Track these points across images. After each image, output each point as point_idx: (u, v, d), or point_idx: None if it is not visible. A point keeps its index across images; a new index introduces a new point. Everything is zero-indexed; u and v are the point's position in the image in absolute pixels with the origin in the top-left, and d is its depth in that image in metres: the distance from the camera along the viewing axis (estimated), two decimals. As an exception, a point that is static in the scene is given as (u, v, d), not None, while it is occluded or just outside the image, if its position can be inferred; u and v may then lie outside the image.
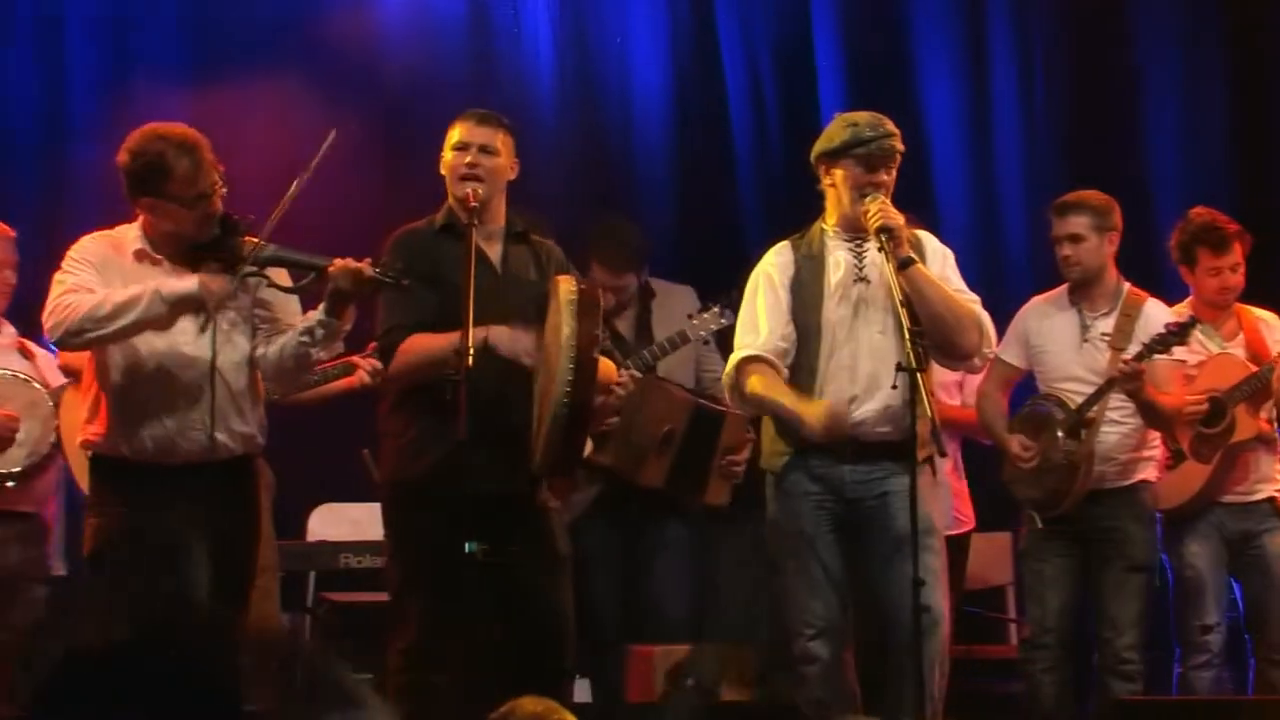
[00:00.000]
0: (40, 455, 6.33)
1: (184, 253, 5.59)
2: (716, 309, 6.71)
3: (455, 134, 5.91)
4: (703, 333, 6.76)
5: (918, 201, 8.23)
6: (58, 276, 5.54)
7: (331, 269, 5.47)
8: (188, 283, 5.44)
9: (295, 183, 5.57)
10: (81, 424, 5.69)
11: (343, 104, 8.10)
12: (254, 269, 5.54)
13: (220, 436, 5.55)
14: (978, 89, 8.75)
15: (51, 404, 6.39)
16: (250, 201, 5.68)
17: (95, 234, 5.68)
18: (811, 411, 5.65)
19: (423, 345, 5.72)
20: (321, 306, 5.54)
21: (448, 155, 5.90)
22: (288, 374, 5.69)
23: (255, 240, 5.52)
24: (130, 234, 5.64)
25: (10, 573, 6.41)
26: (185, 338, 5.51)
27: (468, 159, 5.84)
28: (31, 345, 6.45)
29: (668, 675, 6.29)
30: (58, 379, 6.51)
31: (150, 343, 5.51)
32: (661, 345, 6.75)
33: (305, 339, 5.54)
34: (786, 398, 5.75)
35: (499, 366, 5.65)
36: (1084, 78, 8.56)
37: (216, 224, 5.58)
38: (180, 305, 5.43)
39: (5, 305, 6.56)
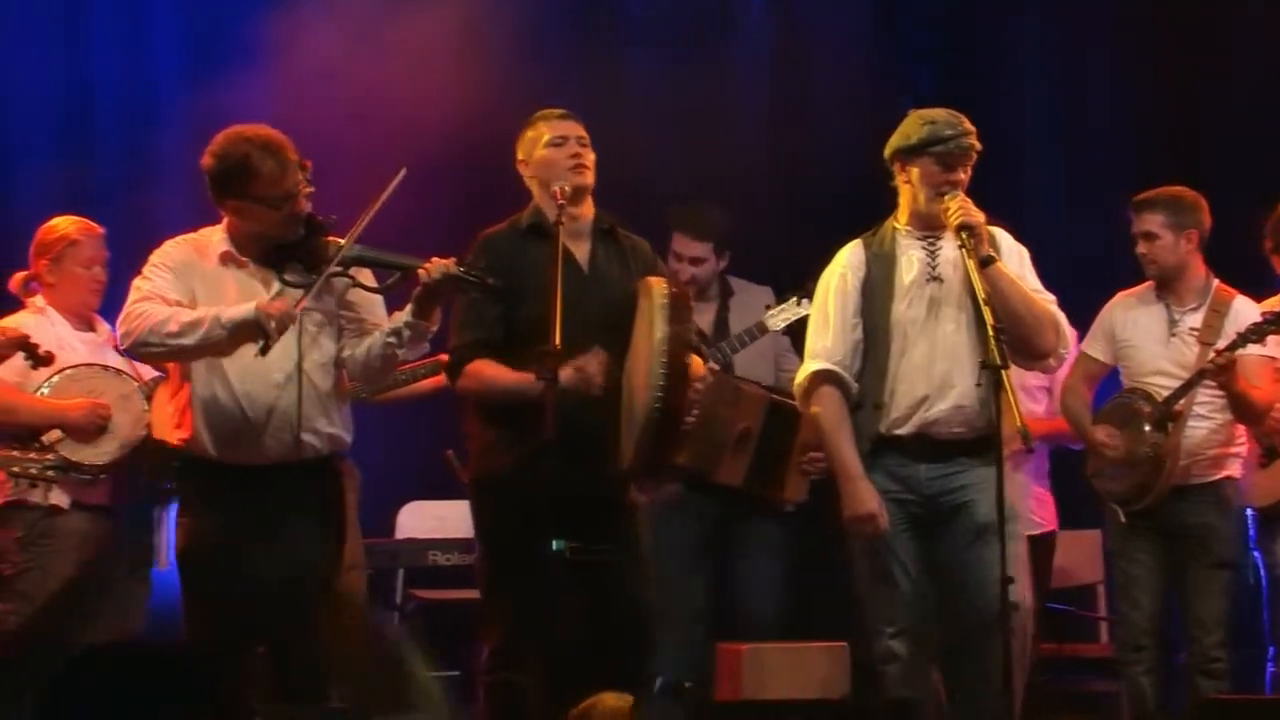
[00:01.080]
0: (131, 448, 6.35)
1: (269, 253, 5.62)
2: (793, 300, 6.71)
3: (544, 132, 5.89)
4: (779, 325, 6.74)
5: (1004, 195, 8.21)
6: (136, 282, 5.59)
7: (423, 269, 5.48)
8: (245, 309, 5.41)
9: (364, 215, 5.59)
10: (170, 425, 5.75)
11: (425, 103, 8.14)
12: (339, 269, 5.57)
13: (306, 437, 5.58)
14: (1066, 83, 8.69)
15: (143, 398, 6.42)
16: (331, 201, 5.70)
17: (179, 238, 5.72)
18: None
19: (490, 376, 5.71)
20: (408, 308, 5.55)
21: (538, 154, 5.88)
22: (374, 374, 5.71)
23: (340, 241, 5.55)
24: (215, 236, 5.67)
25: (104, 568, 6.44)
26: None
27: (572, 150, 5.84)
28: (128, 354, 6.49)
29: None
30: (151, 373, 6.56)
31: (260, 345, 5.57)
32: (740, 338, 6.75)
33: (392, 340, 5.56)
34: (842, 454, 5.75)
35: None
36: (1171, 72, 8.48)
37: (302, 224, 5.62)
38: (241, 331, 5.40)
39: (98, 302, 6.59)
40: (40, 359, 6.06)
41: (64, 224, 6.56)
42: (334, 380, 5.66)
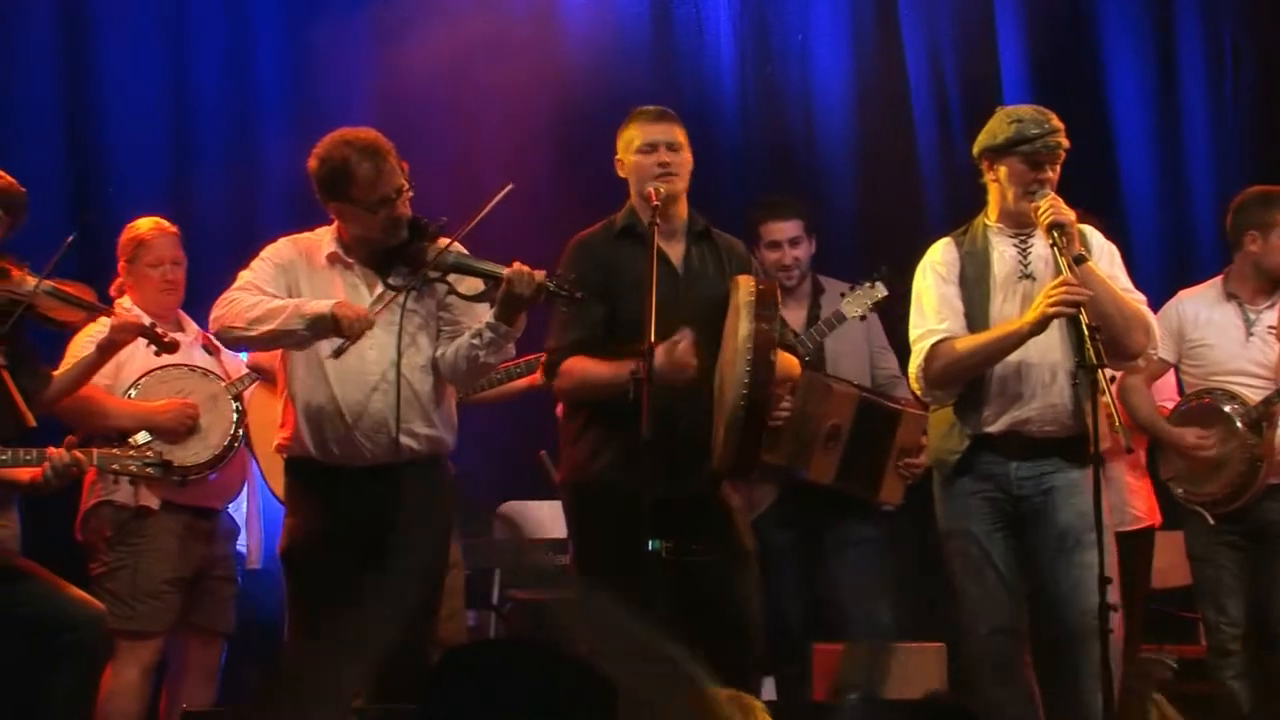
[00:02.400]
0: (221, 449, 6.40)
1: (374, 256, 5.67)
2: (868, 284, 6.68)
3: (636, 136, 5.88)
4: (858, 309, 6.71)
5: (1104, 193, 8.16)
6: (241, 273, 5.67)
7: (507, 273, 5.50)
8: (324, 305, 5.49)
9: (465, 225, 5.62)
10: (276, 426, 5.79)
11: (524, 101, 8.17)
12: (437, 275, 5.60)
13: (404, 440, 5.62)
14: (1165, 78, 8.63)
15: (232, 398, 6.47)
16: (432, 202, 5.72)
17: (291, 236, 5.81)
18: (1030, 318, 5.64)
19: (586, 371, 5.72)
20: (493, 312, 5.58)
21: (630, 158, 5.88)
22: (461, 376, 5.73)
23: (440, 245, 5.57)
24: (326, 237, 5.76)
25: (195, 570, 6.50)
26: (370, 341, 5.59)
27: (660, 159, 5.82)
28: (216, 340, 6.52)
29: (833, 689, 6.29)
30: (239, 371, 6.61)
31: (334, 344, 5.60)
32: (819, 328, 6.74)
33: (475, 342, 5.59)
34: (1001, 328, 5.74)
35: None
36: (1274, 65, 8.40)
37: (405, 227, 5.65)
38: (317, 326, 5.47)
39: (174, 301, 6.64)
40: (164, 345, 6.08)
41: (137, 225, 6.61)
42: (434, 382, 5.69)
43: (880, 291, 6.68)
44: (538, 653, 3.19)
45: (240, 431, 6.45)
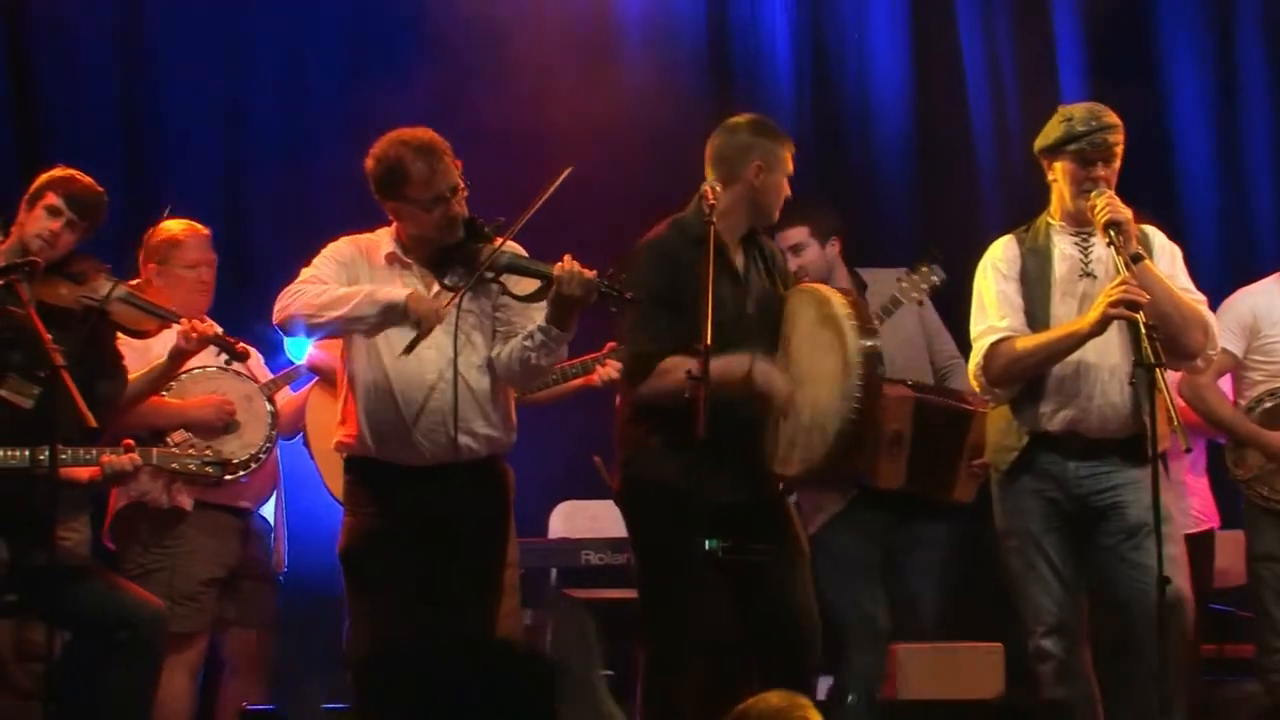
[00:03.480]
0: (259, 448, 6.42)
1: (431, 256, 5.68)
2: (924, 269, 6.64)
3: (787, 159, 5.86)
4: (914, 294, 6.68)
5: (1163, 187, 8.12)
6: (303, 270, 5.70)
7: (556, 272, 5.49)
8: (399, 293, 5.51)
9: (522, 215, 5.62)
10: (336, 425, 5.82)
11: (579, 103, 8.17)
12: (490, 275, 5.61)
13: (462, 439, 5.63)
14: (1224, 73, 8.57)
15: (265, 399, 6.49)
16: (486, 206, 5.73)
17: (351, 236, 5.83)
18: (1091, 318, 5.61)
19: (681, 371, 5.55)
20: (545, 314, 5.57)
21: (774, 177, 5.82)
22: (515, 378, 5.72)
23: (494, 245, 5.58)
24: (385, 238, 5.78)
25: (231, 569, 6.52)
26: (428, 340, 5.57)
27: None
28: (244, 345, 6.52)
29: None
30: (266, 376, 6.63)
31: (393, 346, 5.60)
32: (876, 315, 6.70)
33: (527, 344, 5.59)
34: (1061, 329, 5.72)
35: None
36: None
37: (459, 227, 5.66)
38: (389, 314, 5.49)
39: (206, 303, 6.63)
40: (235, 353, 6.11)
41: (168, 226, 6.61)
42: (491, 382, 5.70)
43: (937, 275, 6.63)
44: (472, 644, 3.20)
45: (274, 432, 6.46)
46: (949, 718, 5.86)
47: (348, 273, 5.73)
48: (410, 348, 5.44)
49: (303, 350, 6.64)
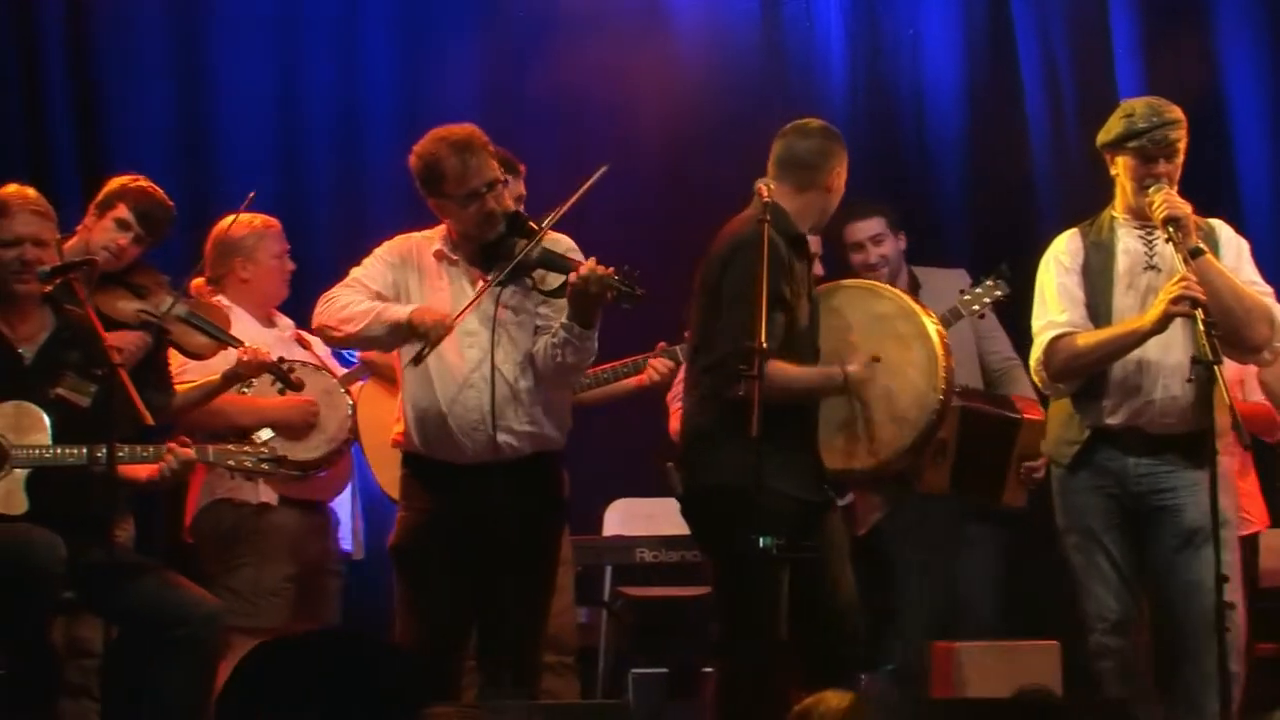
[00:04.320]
0: (338, 442, 6.43)
1: (476, 252, 5.71)
2: (990, 281, 6.61)
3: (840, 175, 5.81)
4: (976, 307, 6.65)
5: (1221, 181, 8.06)
6: (353, 269, 5.75)
7: (574, 273, 5.48)
8: (403, 311, 5.59)
9: (556, 211, 5.63)
10: (384, 421, 5.83)
11: (634, 99, 8.17)
12: (525, 269, 5.61)
13: (501, 436, 5.64)
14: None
15: (344, 391, 6.49)
16: (540, 202, 5.73)
17: (406, 234, 5.87)
18: (1152, 316, 5.59)
19: (786, 373, 5.47)
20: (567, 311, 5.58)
21: (838, 184, 5.78)
22: (549, 375, 5.71)
23: (528, 240, 5.58)
24: (436, 235, 5.82)
25: (310, 565, 6.54)
26: (469, 339, 5.63)
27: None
28: (308, 336, 6.54)
29: None
30: (337, 370, 6.64)
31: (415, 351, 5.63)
32: None
33: (554, 342, 5.61)
34: (1123, 326, 5.70)
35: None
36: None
37: (499, 222, 5.67)
38: (397, 331, 5.58)
39: (288, 292, 6.69)
40: (291, 384, 6.15)
41: (247, 219, 6.60)
42: (534, 379, 5.69)
43: (1001, 289, 6.61)
44: (343, 641, 3.20)
45: (353, 424, 6.47)
46: (1007, 716, 5.83)
47: (396, 274, 5.78)
48: (418, 359, 5.52)
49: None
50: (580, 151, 7.46)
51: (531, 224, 5.69)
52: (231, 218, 6.58)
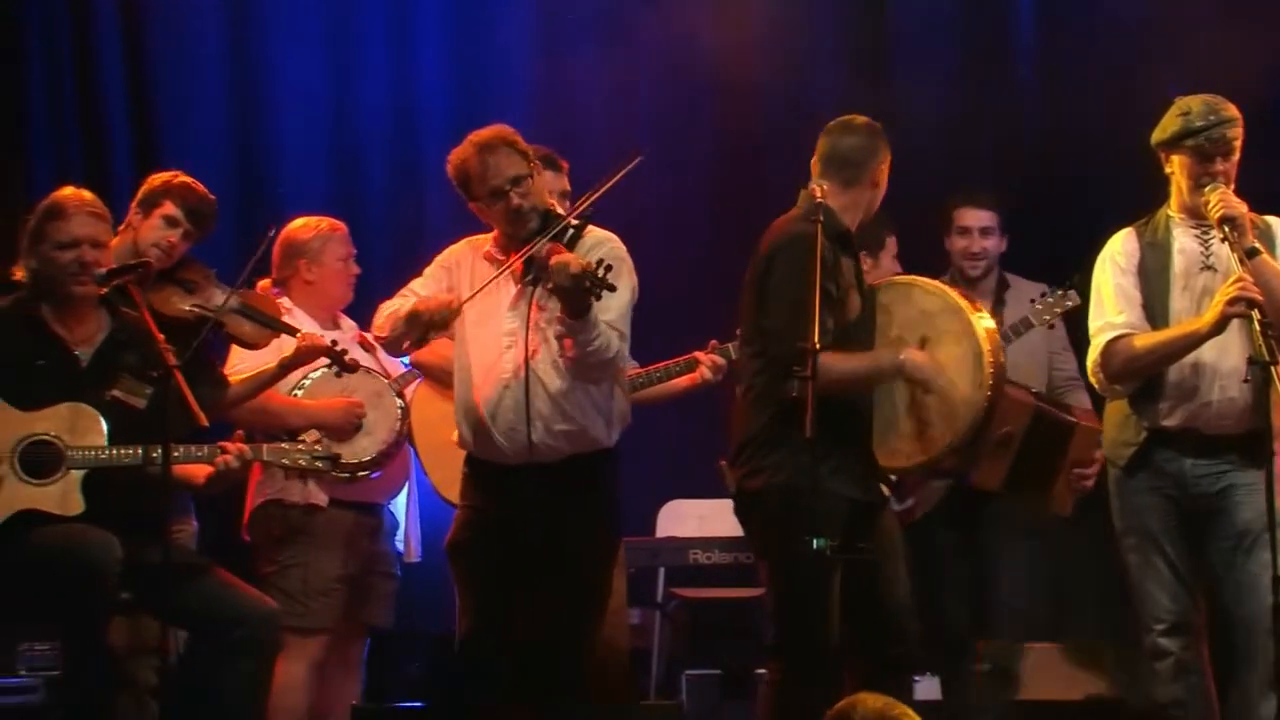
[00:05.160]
0: (388, 444, 6.42)
1: (518, 250, 5.70)
2: (1061, 292, 6.60)
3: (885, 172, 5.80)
4: (1047, 317, 6.64)
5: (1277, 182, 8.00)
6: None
7: (551, 264, 5.45)
8: (407, 304, 5.66)
9: (584, 200, 5.64)
10: (436, 422, 5.85)
11: (695, 98, 8.18)
12: (534, 266, 5.60)
13: (537, 436, 5.63)
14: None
15: (394, 394, 6.51)
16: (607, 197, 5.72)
17: (470, 238, 5.90)
18: (1209, 318, 5.57)
19: (844, 364, 5.47)
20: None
21: (883, 179, 5.78)
22: (575, 370, 5.66)
23: (549, 234, 5.59)
24: (490, 237, 5.84)
25: (361, 566, 6.54)
26: (508, 339, 5.66)
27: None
28: (371, 338, 6.58)
29: None
30: (398, 369, 6.66)
31: (478, 342, 5.68)
32: (1005, 334, 6.66)
33: (561, 332, 5.61)
34: (1180, 328, 5.68)
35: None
36: None
37: (530, 219, 5.68)
38: (411, 324, 5.61)
39: (352, 296, 6.70)
40: (346, 366, 6.16)
41: (314, 222, 6.64)
42: (574, 379, 5.67)
43: (1072, 300, 6.58)
44: None
45: (404, 427, 6.47)
46: (1061, 717, 5.82)
47: (450, 276, 5.82)
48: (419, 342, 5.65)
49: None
50: (632, 147, 7.47)
51: (558, 218, 5.69)
52: (301, 221, 6.63)
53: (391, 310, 5.71)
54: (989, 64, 8.47)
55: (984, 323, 5.62)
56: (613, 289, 5.39)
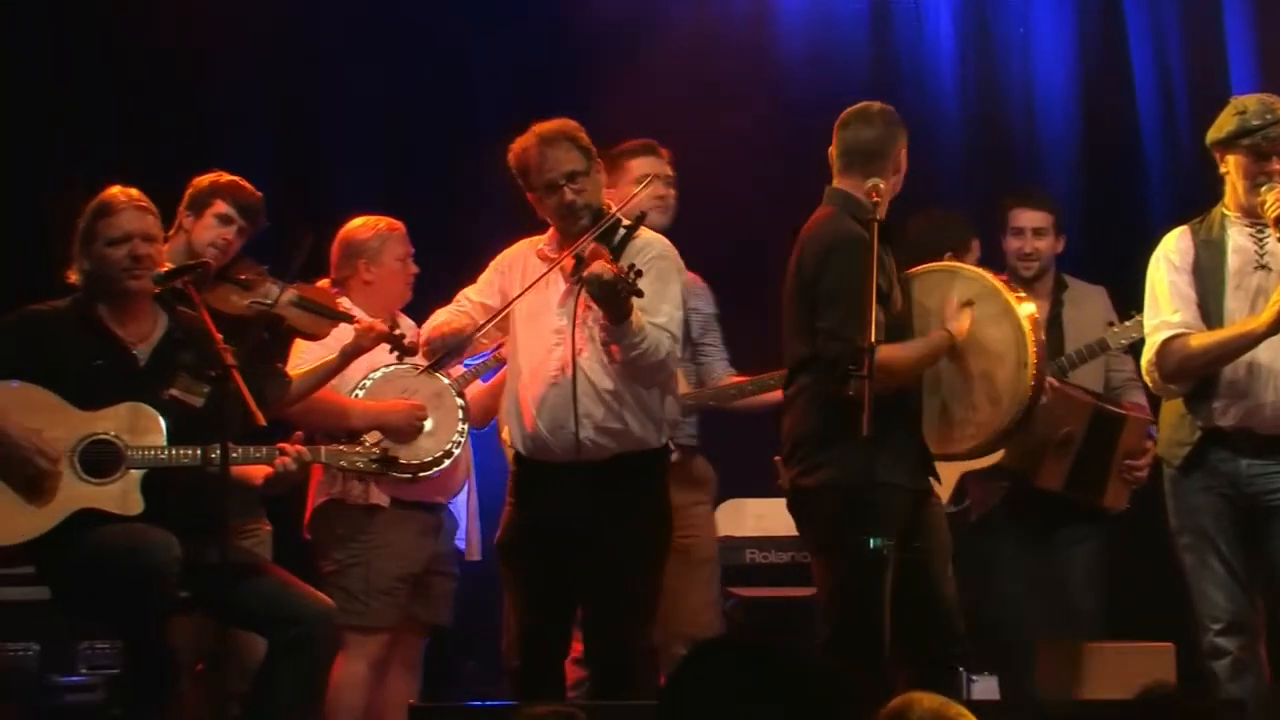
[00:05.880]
0: (449, 445, 6.42)
1: (569, 246, 5.72)
2: (1139, 317, 6.55)
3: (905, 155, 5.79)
4: (1124, 341, 6.63)
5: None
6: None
7: (585, 274, 5.46)
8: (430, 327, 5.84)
9: (633, 195, 5.71)
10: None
11: (741, 98, 8.17)
12: (579, 263, 5.60)
13: (586, 435, 5.64)
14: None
15: (456, 394, 6.53)
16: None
17: (530, 238, 5.91)
18: (1266, 318, 5.56)
19: (897, 356, 5.50)
20: None
21: (904, 164, 5.78)
22: (625, 372, 5.67)
23: (593, 232, 5.61)
24: (546, 235, 5.85)
25: (422, 566, 6.55)
26: (556, 337, 5.68)
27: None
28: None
29: None
30: (458, 370, 6.67)
31: (528, 339, 5.70)
32: (1080, 353, 6.65)
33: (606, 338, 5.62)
34: (1236, 328, 5.67)
35: None
36: None
37: (583, 214, 5.70)
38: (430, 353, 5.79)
39: (411, 295, 6.72)
40: (406, 349, 6.17)
41: (372, 222, 6.66)
42: (621, 377, 5.67)
43: None
44: (772, 653, 3.18)
45: (465, 427, 6.48)
46: (1120, 716, 5.78)
47: (502, 278, 5.86)
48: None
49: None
50: (686, 153, 7.47)
51: (607, 213, 5.70)
52: (359, 221, 6.66)
53: (425, 333, 5.78)
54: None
55: (1024, 306, 5.60)
56: (640, 294, 5.40)
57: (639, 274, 5.35)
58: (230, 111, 8.16)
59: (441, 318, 5.80)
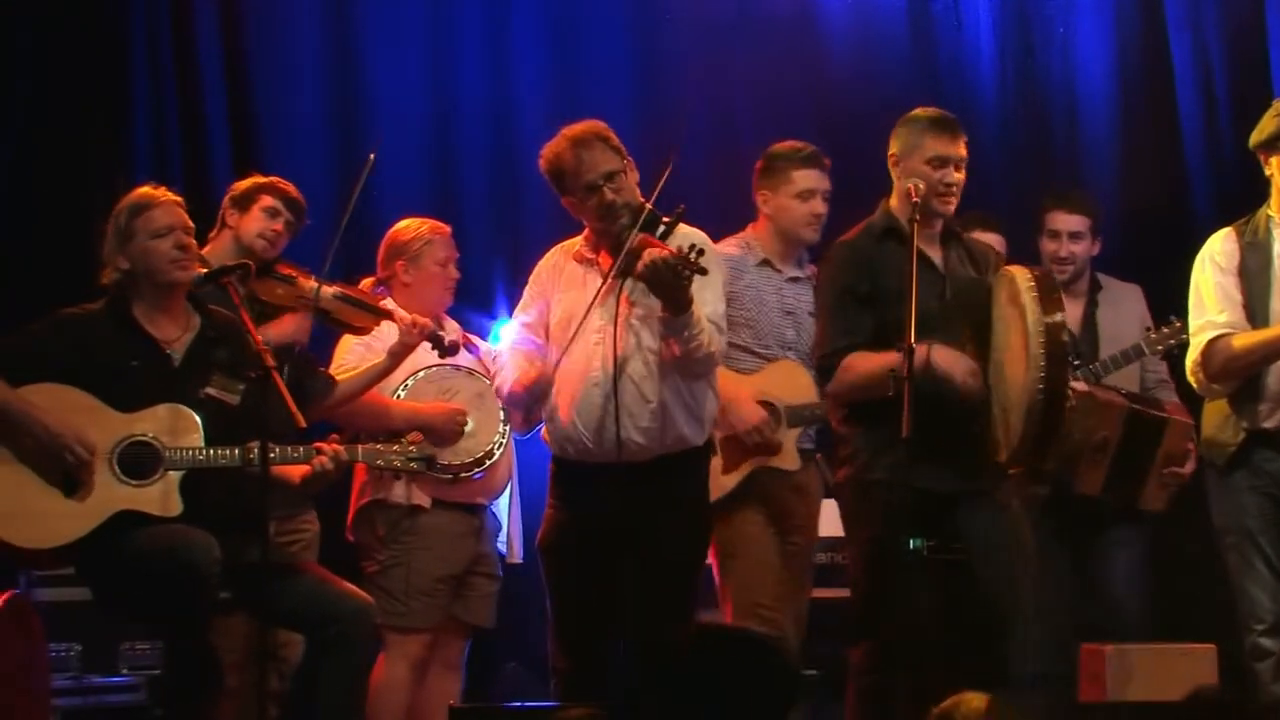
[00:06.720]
0: (490, 446, 6.44)
1: (611, 248, 5.70)
2: (1177, 323, 6.51)
3: (929, 146, 5.78)
4: (1160, 348, 6.60)
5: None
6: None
7: (644, 257, 5.42)
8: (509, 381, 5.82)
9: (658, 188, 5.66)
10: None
11: (783, 96, 8.16)
12: (620, 265, 5.59)
13: (627, 435, 5.62)
14: None
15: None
16: (690, 203, 5.71)
17: (563, 243, 5.91)
18: None
19: (861, 366, 5.64)
20: None
21: (915, 165, 5.78)
22: (678, 369, 5.65)
23: (635, 230, 5.58)
24: (582, 238, 5.85)
25: (464, 567, 6.56)
26: (596, 336, 5.66)
27: (949, 177, 5.78)
28: (475, 338, 6.61)
29: None
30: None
31: (568, 340, 5.66)
32: (1115, 359, 6.63)
33: (661, 334, 5.60)
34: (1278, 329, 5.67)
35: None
36: None
37: (621, 215, 5.67)
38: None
39: (451, 299, 6.72)
40: (447, 348, 6.19)
41: (416, 224, 6.67)
42: (663, 376, 5.65)
43: (1187, 332, 6.53)
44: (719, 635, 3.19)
45: (507, 428, 6.47)
46: (1165, 718, 5.76)
47: (538, 286, 5.87)
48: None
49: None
50: (730, 152, 7.46)
51: (663, 217, 5.68)
52: (405, 222, 6.68)
53: (509, 387, 5.77)
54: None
55: (1039, 312, 5.47)
56: (704, 271, 5.39)
57: (700, 252, 5.34)
58: (279, 114, 8.16)
59: (513, 371, 5.77)
